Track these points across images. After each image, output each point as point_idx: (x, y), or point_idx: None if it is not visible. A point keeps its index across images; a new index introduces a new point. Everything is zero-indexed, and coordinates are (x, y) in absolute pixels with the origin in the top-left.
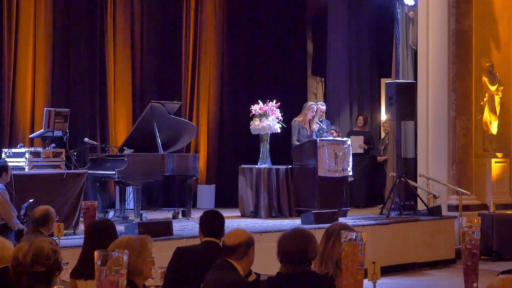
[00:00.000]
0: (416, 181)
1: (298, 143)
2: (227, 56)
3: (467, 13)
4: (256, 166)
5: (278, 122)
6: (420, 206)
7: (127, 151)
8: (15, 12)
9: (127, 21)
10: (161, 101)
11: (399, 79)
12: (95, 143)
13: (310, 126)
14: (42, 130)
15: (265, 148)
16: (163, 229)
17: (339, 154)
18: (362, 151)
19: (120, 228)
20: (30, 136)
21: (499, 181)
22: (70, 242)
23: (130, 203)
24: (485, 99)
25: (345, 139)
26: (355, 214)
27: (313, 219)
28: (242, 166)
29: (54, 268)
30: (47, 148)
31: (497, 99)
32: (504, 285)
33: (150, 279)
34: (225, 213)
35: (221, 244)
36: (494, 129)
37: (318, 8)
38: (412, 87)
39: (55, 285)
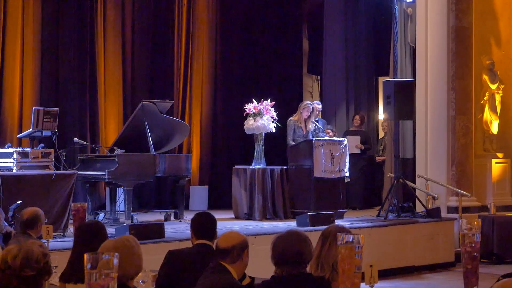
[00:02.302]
0: (414, 182)
1: (293, 143)
2: (220, 54)
3: (467, 9)
4: (250, 167)
5: (272, 122)
6: (419, 208)
7: (118, 151)
8: (2, 8)
9: (117, 17)
10: (152, 100)
11: (397, 77)
12: (85, 143)
13: (305, 126)
14: (31, 129)
15: (259, 148)
16: (154, 232)
17: (335, 154)
18: (359, 151)
19: (110, 230)
20: (18, 136)
21: (499, 182)
22: (59, 244)
23: (121, 205)
24: (485, 98)
25: (341, 139)
26: (352, 216)
27: (308, 221)
28: (236, 166)
29: (44, 272)
30: (35, 148)
31: (497, 97)
32: None
33: (141, 283)
34: (218, 215)
35: (214, 247)
36: (494, 128)
37: (313, 4)
38: (410, 85)
39: None
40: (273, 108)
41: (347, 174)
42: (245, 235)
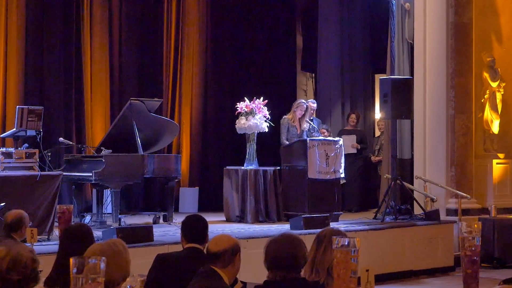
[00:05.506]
0: (412, 184)
1: (287, 142)
2: (211, 51)
3: (467, 4)
4: (242, 168)
5: (265, 121)
6: (417, 210)
7: (105, 152)
8: None
9: (104, 13)
10: (141, 99)
11: (394, 75)
12: (71, 143)
13: (300, 125)
14: (14, 129)
15: (251, 148)
16: (143, 235)
17: (330, 154)
18: (355, 151)
19: (97, 233)
20: (1, 135)
21: (500, 184)
22: (44, 248)
23: (108, 207)
24: (486, 96)
25: (336, 138)
26: (348, 218)
27: (302, 224)
28: (227, 167)
29: (31, 279)
30: (19, 148)
31: (498, 96)
32: None
33: None
34: (209, 217)
35: (205, 250)
36: (495, 128)
37: None
38: (408, 83)
39: None
40: (265, 107)
41: (342, 175)
42: (236, 239)
